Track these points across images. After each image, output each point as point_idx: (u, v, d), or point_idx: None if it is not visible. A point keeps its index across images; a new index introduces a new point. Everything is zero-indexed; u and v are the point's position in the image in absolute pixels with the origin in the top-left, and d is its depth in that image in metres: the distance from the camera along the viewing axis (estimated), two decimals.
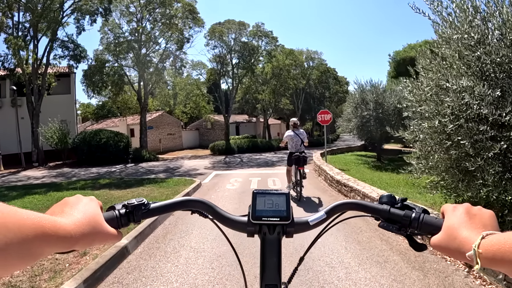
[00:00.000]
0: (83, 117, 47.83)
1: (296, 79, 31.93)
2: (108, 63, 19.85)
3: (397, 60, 38.05)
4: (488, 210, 0.56)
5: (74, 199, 0.57)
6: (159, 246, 4.37)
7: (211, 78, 27.67)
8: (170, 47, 21.91)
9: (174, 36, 21.39)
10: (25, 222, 0.39)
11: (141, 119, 22.50)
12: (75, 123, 24.84)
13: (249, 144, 26.10)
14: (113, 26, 21.20)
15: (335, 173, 8.49)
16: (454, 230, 0.54)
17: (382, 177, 10.19)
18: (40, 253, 0.42)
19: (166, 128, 30.66)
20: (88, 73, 19.87)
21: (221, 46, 24.53)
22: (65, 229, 0.46)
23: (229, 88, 26.61)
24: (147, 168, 16.15)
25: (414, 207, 0.66)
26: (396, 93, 14.11)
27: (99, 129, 21.84)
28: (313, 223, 0.71)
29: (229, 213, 0.76)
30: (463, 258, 0.50)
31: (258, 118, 37.82)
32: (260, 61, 26.74)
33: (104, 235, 0.55)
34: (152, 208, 0.68)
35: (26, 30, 18.89)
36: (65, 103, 23.66)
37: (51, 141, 19.52)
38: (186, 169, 14.83)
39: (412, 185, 8.91)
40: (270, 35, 24.79)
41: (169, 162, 19.50)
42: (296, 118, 7.99)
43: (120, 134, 21.09)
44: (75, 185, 10.67)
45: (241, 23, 23.80)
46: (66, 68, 21.57)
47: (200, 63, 26.85)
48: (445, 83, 3.78)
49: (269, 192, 0.72)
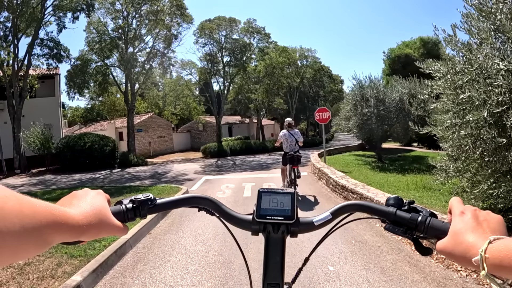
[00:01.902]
0: (71, 120, 46.58)
1: (290, 78, 30.97)
2: (91, 62, 18.64)
3: (392, 58, 37.42)
4: (496, 215, 0.54)
5: (82, 192, 0.58)
6: (124, 283, 3.35)
7: (201, 78, 26.62)
8: (157, 45, 20.82)
9: (162, 33, 20.33)
10: (38, 209, 0.41)
11: (128, 121, 21.34)
12: (60, 127, 23.70)
13: (242, 145, 25.03)
14: (99, 24, 20.07)
15: (338, 177, 7.52)
16: (460, 235, 0.52)
17: (389, 180, 9.38)
18: (51, 241, 0.43)
19: (156, 130, 29.49)
20: (71, 74, 18.70)
21: (211, 44, 23.47)
22: (74, 219, 0.48)
23: (221, 88, 25.50)
24: (133, 174, 15.07)
25: (422, 210, 0.64)
26: (397, 89, 13.29)
27: (84, 133, 20.71)
28: (318, 224, 0.69)
29: (235, 211, 0.73)
30: (469, 264, 0.48)
31: (251, 119, 36.78)
32: (253, 59, 25.69)
33: (111, 227, 0.56)
34: (158, 204, 0.69)
35: (8, 30, 17.72)
36: (49, 106, 22.55)
37: (33, 146, 18.39)
38: (174, 174, 13.77)
39: (423, 187, 8.07)
40: (263, 31, 23.80)
41: (157, 166, 18.40)
42: (290, 118, 7.82)
43: (106, 138, 19.93)
44: (50, 195, 9.63)
45: (232, 20, 22.78)
46: (51, 69, 20.58)
47: (190, 62, 25.75)
48: (497, 63, 2.83)
49: (274, 191, 0.72)
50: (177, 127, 38.20)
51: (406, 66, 34.54)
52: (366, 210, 0.72)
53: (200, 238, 4.64)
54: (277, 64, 26.50)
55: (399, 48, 38.22)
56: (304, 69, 34.39)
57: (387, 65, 37.92)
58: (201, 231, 4.99)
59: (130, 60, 18.35)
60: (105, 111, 27.65)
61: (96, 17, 19.94)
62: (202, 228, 5.11)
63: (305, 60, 34.74)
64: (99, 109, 34.75)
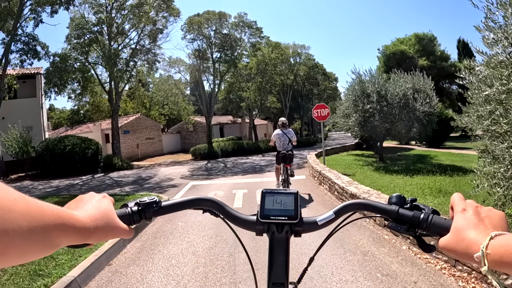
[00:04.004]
0: (58, 123, 45.01)
1: (283, 75, 29.81)
2: (69, 59, 17.27)
3: (387, 55, 36.64)
4: (498, 211, 0.53)
5: (88, 196, 0.58)
6: None
7: (192, 76, 25.36)
8: (143, 41, 19.52)
9: (147, 28, 19.07)
10: (46, 211, 0.41)
11: (113, 122, 20.01)
12: (42, 130, 22.37)
13: (234, 146, 23.81)
14: (81, 20, 18.72)
15: (345, 182, 6.43)
16: (462, 231, 0.52)
17: (398, 183, 8.42)
18: (58, 243, 0.43)
19: (144, 132, 28.12)
20: (48, 72, 17.34)
21: (200, 40, 22.19)
22: (81, 222, 0.48)
23: (211, 86, 24.22)
24: (115, 179, 13.83)
25: (424, 207, 0.64)
26: (399, 83, 12.29)
27: (65, 135, 19.38)
28: (322, 223, 0.69)
29: (239, 212, 0.74)
30: (471, 260, 0.48)
31: (243, 119, 35.55)
32: (244, 55, 24.43)
33: (117, 230, 0.56)
34: (163, 206, 0.69)
35: None
36: (30, 108, 21.24)
37: (11, 150, 17.06)
38: (159, 179, 12.55)
39: (439, 191, 7.08)
40: (254, 26, 22.55)
41: (143, 170, 17.14)
42: (284, 118, 7.72)
43: (88, 140, 18.62)
44: None
45: (221, 14, 21.51)
46: (30, 69, 19.27)
47: (179, 60, 24.43)
48: None
49: (277, 191, 0.72)
50: (167, 128, 36.84)
51: (401, 63, 33.78)
52: (368, 208, 0.71)
53: (174, 274, 3.48)
54: (269, 61, 25.31)
55: (394, 45, 37.43)
56: (298, 66, 33.26)
57: (382, 62, 37.09)
58: (177, 260, 3.84)
59: (112, 56, 17.03)
60: (90, 112, 26.26)
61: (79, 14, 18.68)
62: (179, 256, 3.96)
63: (298, 57, 33.62)
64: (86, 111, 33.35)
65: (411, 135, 13.59)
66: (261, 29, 22.76)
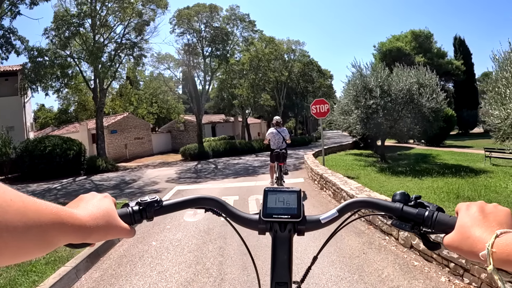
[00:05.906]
0: (44, 122, 43.50)
1: (277, 71, 28.77)
2: (48, 53, 16.04)
3: (382, 52, 35.92)
4: (504, 208, 0.52)
5: (89, 195, 0.57)
6: None
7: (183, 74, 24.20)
8: (128, 35, 18.35)
9: (133, 21, 17.92)
10: (44, 210, 0.41)
11: (97, 121, 18.80)
12: (24, 130, 21.11)
13: (226, 146, 22.71)
14: (64, 14, 17.49)
15: (353, 188, 5.44)
16: (467, 229, 0.50)
17: (408, 186, 7.63)
18: (56, 242, 0.43)
19: (132, 131, 26.87)
20: (24, 67, 16.12)
21: (190, 33, 21.04)
22: (81, 220, 0.47)
23: (201, 83, 23.09)
24: (96, 183, 12.72)
25: (429, 205, 0.62)
26: (403, 77, 11.39)
27: (46, 136, 18.12)
28: (325, 221, 0.68)
29: (241, 210, 0.72)
30: (476, 258, 0.47)
31: (236, 118, 34.43)
32: (237, 50, 23.30)
33: (118, 229, 0.56)
34: (164, 206, 0.68)
35: None
36: (12, 107, 19.98)
37: None
38: (142, 183, 11.45)
39: (456, 196, 6.21)
40: (247, 19, 21.46)
41: (128, 172, 16.01)
42: (278, 117, 7.80)
43: (70, 141, 17.40)
44: None
45: (212, 7, 20.35)
46: (15, 66, 18.00)
47: (168, 55, 23.26)
48: None
49: (280, 190, 0.71)
50: (158, 127, 35.59)
51: (397, 60, 33.03)
52: (373, 206, 0.69)
53: None
54: (263, 56, 24.24)
55: (390, 42, 36.72)
56: (292, 62, 32.26)
57: (377, 59, 36.25)
58: None
59: (95, 50, 15.85)
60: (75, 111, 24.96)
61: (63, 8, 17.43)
62: None
63: (292, 54, 32.60)
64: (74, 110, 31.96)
65: (415, 133, 12.70)
66: (254, 22, 21.68)
